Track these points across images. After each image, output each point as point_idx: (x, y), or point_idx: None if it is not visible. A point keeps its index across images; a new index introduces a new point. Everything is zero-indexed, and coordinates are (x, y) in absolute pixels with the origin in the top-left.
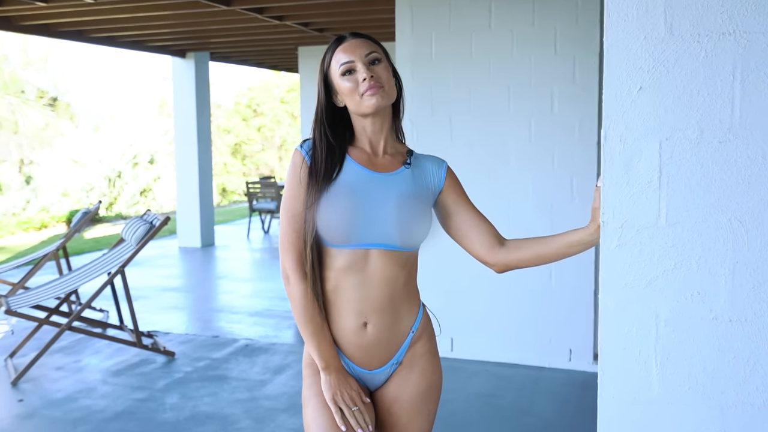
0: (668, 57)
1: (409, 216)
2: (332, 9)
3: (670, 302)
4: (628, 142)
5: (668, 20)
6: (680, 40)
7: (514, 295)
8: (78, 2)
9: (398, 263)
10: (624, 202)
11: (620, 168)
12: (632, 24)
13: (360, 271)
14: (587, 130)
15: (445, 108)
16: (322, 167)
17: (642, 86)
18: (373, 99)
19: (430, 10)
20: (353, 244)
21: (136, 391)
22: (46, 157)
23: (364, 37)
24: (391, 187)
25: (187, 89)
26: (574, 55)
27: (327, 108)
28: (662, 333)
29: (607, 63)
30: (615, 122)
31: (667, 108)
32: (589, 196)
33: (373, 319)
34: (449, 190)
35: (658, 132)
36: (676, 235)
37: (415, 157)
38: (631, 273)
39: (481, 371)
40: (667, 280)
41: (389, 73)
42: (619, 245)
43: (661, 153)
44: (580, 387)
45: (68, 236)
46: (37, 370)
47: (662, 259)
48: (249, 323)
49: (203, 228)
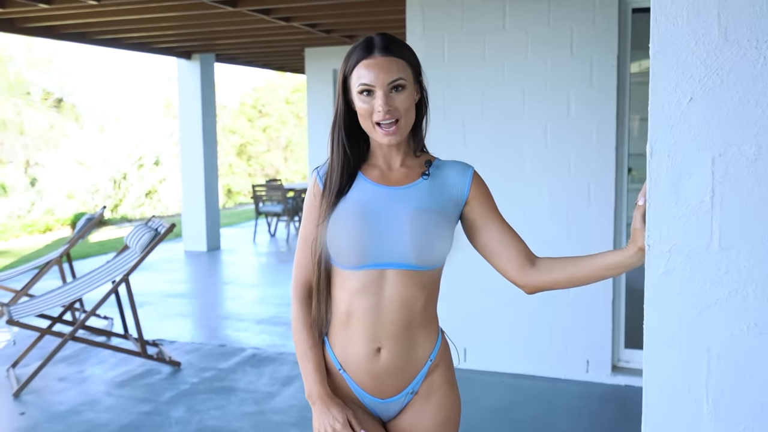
0: (722, 64)
1: (425, 232)
2: (340, 10)
3: (723, 334)
4: (677, 158)
5: (722, 24)
6: (736, 45)
7: (528, 302)
8: (81, 4)
9: (416, 284)
10: (672, 224)
11: (668, 186)
12: (682, 28)
13: (375, 294)
14: (605, 134)
15: (458, 111)
16: (336, 182)
17: (693, 97)
18: (385, 138)
19: (442, 10)
20: (366, 264)
21: (141, 404)
22: (51, 158)
23: (393, 53)
24: (405, 201)
25: (192, 91)
26: (591, 57)
27: (345, 112)
28: (715, 368)
29: (653, 71)
30: (662, 136)
31: (721, 120)
32: (607, 203)
33: (388, 345)
34: (475, 202)
35: (711, 147)
36: (730, 261)
37: (437, 166)
38: (680, 302)
39: (495, 383)
40: (720, 310)
41: (410, 101)
42: (667, 271)
43: (714, 170)
44: (597, 400)
45: (72, 243)
46: (39, 381)
47: (715, 287)
48: (256, 331)
49: (209, 232)
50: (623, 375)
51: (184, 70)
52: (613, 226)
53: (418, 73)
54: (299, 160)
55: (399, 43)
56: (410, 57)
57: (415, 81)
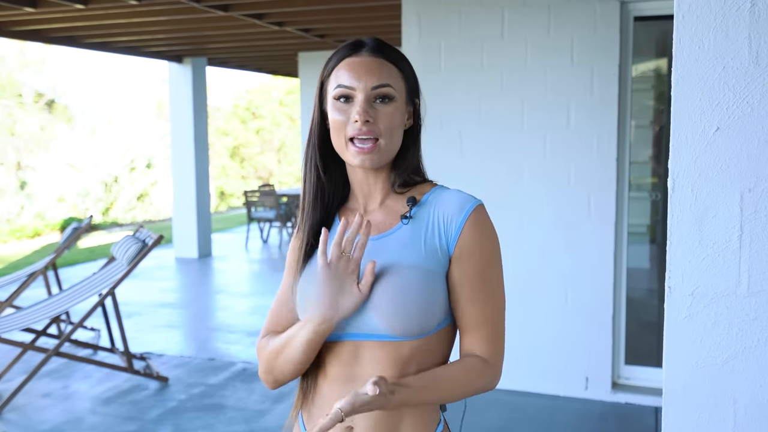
0: (753, 91)
1: (400, 294)
2: (334, 15)
3: (751, 385)
4: (702, 193)
5: (753, 47)
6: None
7: (527, 317)
8: (68, 8)
9: (399, 359)
10: (696, 265)
11: (691, 224)
12: (709, 52)
13: (348, 366)
14: (606, 145)
15: (455, 121)
16: (309, 216)
17: (719, 126)
18: (358, 158)
19: (439, 17)
20: (335, 335)
21: (127, 423)
22: (41, 161)
23: (384, 56)
24: (377, 255)
25: (184, 95)
26: (592, 66)
27: (321, 127)
28: (741, 421)
29: (675, 98)
30: (685, 169)
31: (751, 153)
32: (608, 214)
33: (362, 426)
34: (462, 256)
35: (739, 182)
36: (760, 306)
37: (426, 202)
38: (704, 349)
39: (493, 401)
40: (747, 359)
41: (397, 119)
42: (689, 316)
43: (743, 207)
44: (598, 419)
45: (58, 253)
46: (22, 397)
47: (742, 334)
48: (247, 344)
49: (200, 238)
50: (623, 392)
51: (175, 74)
52: (613, 238)
53: (413, 91)
54: (293, 162)
55: (395, 50)
56: (406, 68)
57: (408, 99)
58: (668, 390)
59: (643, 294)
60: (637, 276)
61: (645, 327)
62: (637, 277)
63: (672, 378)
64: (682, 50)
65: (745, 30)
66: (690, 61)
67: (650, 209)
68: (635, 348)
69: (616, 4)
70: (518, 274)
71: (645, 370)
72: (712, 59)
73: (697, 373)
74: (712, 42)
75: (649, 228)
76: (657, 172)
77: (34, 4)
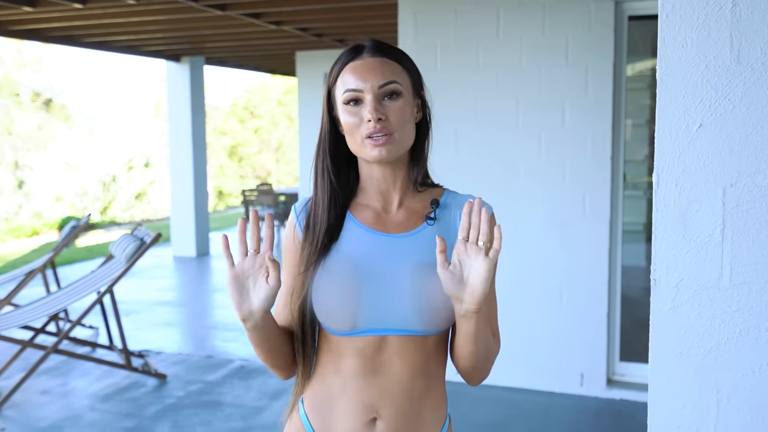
0: (735, 89)
1: (430, 289)
2: (330, 14)
3: (734, 375)
4: (686, 188)
5: (735, 46)
6: (749, 69)
7: (522, 315)
8: (66, 7)
9: (422, 352)
10: (680, 259)
11: (675, 218)
12: (691, 50)
13: (372, 359)
14: (600, 144)
15: (451, 120)
16: (323, 221)
17: (702, 123)
18: (375, 150)
19: (435, 16)
20: (360, 330)
21: (125, 419)
22: (39, 160)
23: (385, 55)
24: (405, 253)
25: (181, 94)
26: (586, 65)
27: (331, 134)
28: (724, 411)
29: (660, 96)
30: (669, 165)
31: (733, 149)
32: (602, 212)
33: (387, 416)
34: None
35: (722, 177)
36: (741, 298)
37: (446, 205)
38: (688, 340)
39: (487, 397)
40: (730, 350)
41: (407, 113)
42: (673, 308)
43: (725, 201)
44: (593, 415)
45: (56, 251)
46: (21, 394)
47: (725, 325)
48: (244, 341)
49: (198, 237)
50: (618, 389)
51: (173, 73)
52: (608, 236)
53: (417, 85)
54: (291, 162)
55: (395, 48)
56: (408, 64)
57: (414, 93)
58: (653, 380)
59: (638, 291)
60: (632, 274)
61: (639, 324)
62: (632, 274)
63: (657, 368)
64: (666, 49)
65: (726, 29)
66: (673, 59)
67: (645, 207)
68: (630, 345)
69: (611, 4)
70: (514, 271)
71: (639, 366)
72: (695, 58)
73: (682, 363)
74: (695, 41)
75: (644, 226)
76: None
77: (32, 4)
